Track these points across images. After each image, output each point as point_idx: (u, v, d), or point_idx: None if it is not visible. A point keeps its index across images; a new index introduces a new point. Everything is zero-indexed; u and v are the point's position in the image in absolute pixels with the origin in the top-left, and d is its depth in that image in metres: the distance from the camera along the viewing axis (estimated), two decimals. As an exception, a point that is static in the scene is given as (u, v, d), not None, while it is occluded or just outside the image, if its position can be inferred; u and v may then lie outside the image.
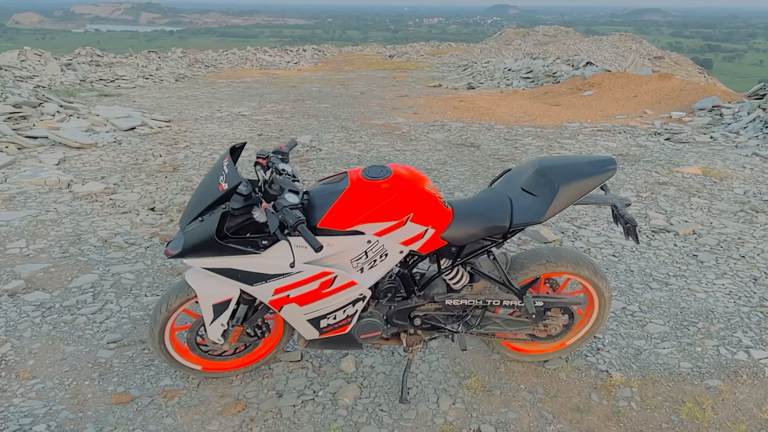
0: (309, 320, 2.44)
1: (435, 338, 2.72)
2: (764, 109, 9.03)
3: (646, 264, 4.16)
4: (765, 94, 10.18)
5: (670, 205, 5.37)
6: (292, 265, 2.11)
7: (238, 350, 2.77)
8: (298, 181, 2.37)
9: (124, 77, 15.33)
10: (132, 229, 4.67)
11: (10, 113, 7.95)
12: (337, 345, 2.62)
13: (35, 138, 7.32)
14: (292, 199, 2.13)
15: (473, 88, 14.86)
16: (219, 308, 2.44)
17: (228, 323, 2.51)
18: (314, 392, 2.77)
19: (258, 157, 2.40)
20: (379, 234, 2.30)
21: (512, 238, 2.56)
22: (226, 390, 2.77)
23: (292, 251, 2.13)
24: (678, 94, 11.14)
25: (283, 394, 2.75)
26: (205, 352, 2.72)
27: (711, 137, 8.25)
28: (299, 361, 2.99)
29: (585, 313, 2.89)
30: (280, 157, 2.44)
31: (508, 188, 2.54)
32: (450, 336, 2.70)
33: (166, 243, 3.47)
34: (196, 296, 2.48)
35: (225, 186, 2.18)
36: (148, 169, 6.37)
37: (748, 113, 9.14)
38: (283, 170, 2.34)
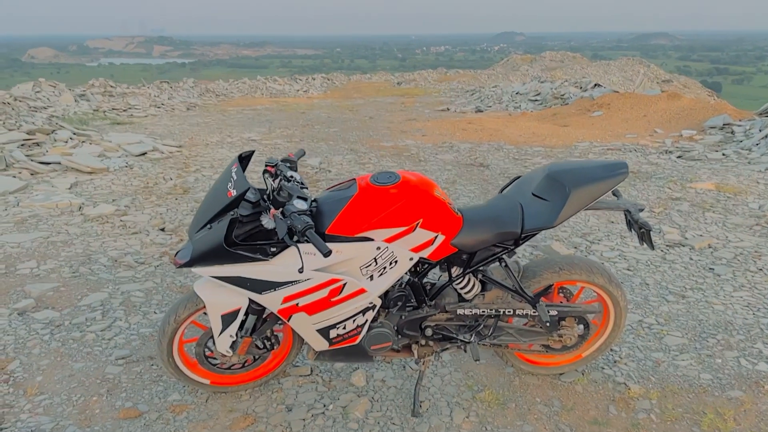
0: (318, 330, 2.40)
1: (447, 349, 2.66)
2: (775, 127, 8.98)
3: (662, 277, 4.09)
4: (776, 112, 10.14)
5: (684, 219, 5.30)
6: (300, 271, 2.08)
7: (246, 363, 2.73)
8: (307, 188, 2.36)
9: (136, 106, 15.53)
10: (142, 248, 4.67)
11: (24, 140, 8.06)
12: (348, 357, 2.57)
13: (48, 164, 7.39)
14: (300, 205, 2.11)
15: (481, 111, 14.91)
16: (227, 319, 2.41)
17: (237, 334, 2.47)
18: (324, 406, 2.72)
19: (266, 165, 2.39)
20: (389, 240, 2.27)
21: (523, 245, 2.52)
22: (235, 404, 2.72)
23: (300, 257, 2.10)
24: (688, 113, 11.11)
25: (292, 408, 2.69)
26: (214, 365, 2.67)
27: (723, 154, 8.18)
28: (309, 375, 2.94)
29: (600, 324, 2.82)
30: (288, 165, 2.43)
31: (518, 194, 2.51)
32: (462, 347, 2.64)
33: (175, 252, 3.46)
34: (204, 307, 2.45)
35: (234, 192, 2.16)
36: (158, 191, 6.40)
37: (760, 130, 9.09)
38: (292, 177, 2.33)
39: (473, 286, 2.56)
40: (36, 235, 4.90)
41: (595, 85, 15.63)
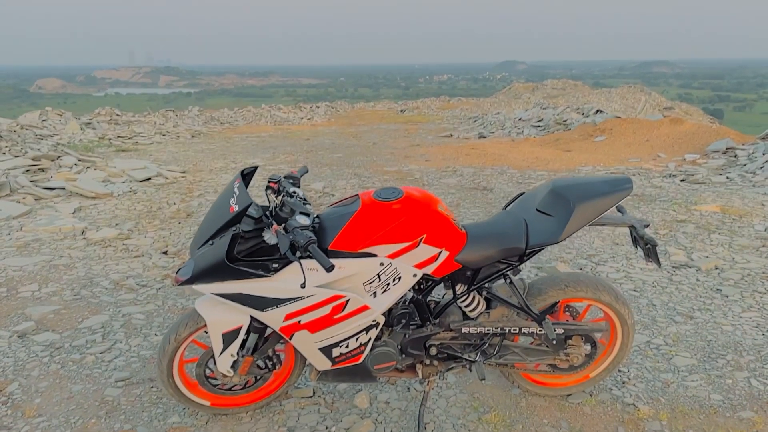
0: (321, 349, 2.36)
1: (452, 369, 2.61)
2: (779, 150, 8.98)
3: (669, 298, 4.03)
4: (779, 136, 10.14)
5: (689, 241, 5.26)
6: (303, 286, 2.05)
7: (248, 384, 2.68)
8: (310, 204, 2.34)
9: (141, 134, 15.64)
10: (144, 271, 4.64)
11: (29, 166, 8.10)
12: (351, 377, 2.53)
13: (52, 189, 7.42)
14: (303, 220, 2.10)
15: (484, 137, 14.97)
16: (229, 337, 2.37)
17: (238, 353, 2.44)
18: (327, 428, 2.66)
19: (269, 182, 2.39)
20: (392, 256, 2.24)
21: (528, 266, 2.49)
22: (236, 427, 2.66)
23: (303, 272, 2.08)
24: (690, 138, 11.12)
25: (294, 431, 2.64)
26: (215, 386, 2.63)
27: (727, 177, 8.17)
28: (311, 397, 2.89)
29: (608, 343, 2.78)
30: (291, 181, 2.42)
31: (522, 210, 2.49)
32: (467, 366, 2.59)
33: (176, 271, 3.43)
34: (205, 325, 2.42)
35: (236, 208, 2.15)
36: (162, 216, 6.40)
37: (764, 153, 9.08)
38: (294, 193, 2.32)
39: (478, 303, 2.52)
40: (38, 259, 4.88)
41: (597, 111, 15.70)
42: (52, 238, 5.48)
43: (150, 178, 8.43)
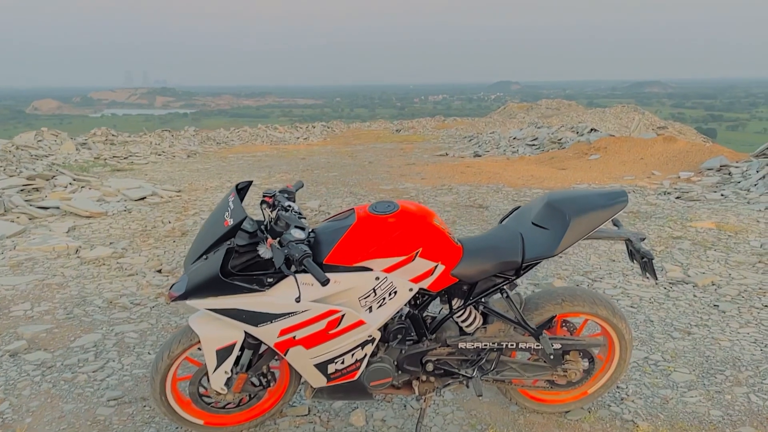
0: (316, 365, 2.33)
1: (449, 385, 2.58)
2: (773, 167, 9.02)
3: (666, 314, 4.02)
4: (772, 153, 10.20)
5: (686, 258, 5.25)
6: (298, 300, 2.03)
7: (242, 402, 2.64)
8: (305, 218, 2.33)
9: (137, 154, 15.64)
10: (138, 290, 4.61)
11: (24, 185, 8.08)
12: (346, 394, 2.50)
13: (47, 208, 7.39)
14: (298, 234, 2.08)
15: (479, 156, 15.02)
16: (223, 354, 2.34)
17: (232, 370, 2.40)
18: (323, 447, 2.62)
19: (264, 196, 2.37)
20: (388, 270, 2.23)
21: (524, 283, 2.47)
22: (230, 446, 2.62)
23: (298, 286, 2.06)
24: (684, 156, 11.18)
25: (289, 449, 2.60)
26: (208, 404, 2.59)
27: (722, 194, 8.19)
28: (306, 415, 2.85)
29: (606, 358, 2.75)
30: (286, 195, 2.41)
31: (518, 224, 2.48)
32: (465, 382, 2.56)
33: (170, 287, 3.40)
34: (198, 342, 2.39)
35: (230, 222, 2.13)
36: (156, 234, 6.37)
37: (757, 171, 9.12)
38: (290, 207, 2.31)
39: (474, 318, 2.50)
40: (31, 278, 4.84)
41: (592, 129, 15.79)
42: (45, 257, 5.45)
43: (145, 197, 8.40)
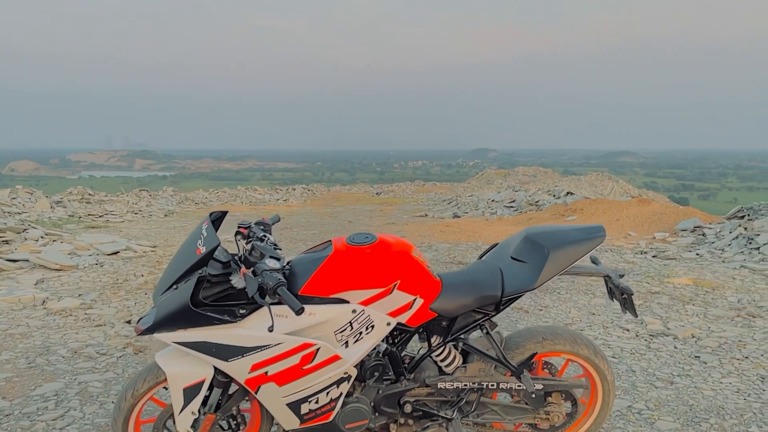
0: (289, 404, 2.22)
1: (427, 428, 2.46)
2: (746, 228, 9.19)
3: (648, 365, 3.96)
4: (744, 216, 10.42)
5: (665, 311, 5.24)
6: (270, 329, 1.94)
7: (209, 448, 2.49)
8: (281, 249, 2.27)
9: (113, 212, 15.44)
10: (105, 340, 4.43)
11: (-6, 237, 7.88)
12: (320, 438, 2.37)
13: (15, 261, 7.18)
14: (272, 264, 2.02)
15: (459, 217, 15.13)
16: (190, 392, 2.22)
17: (200, 411, 2.27)
18: (294, 497, 2.46)
19: (239, 227, 2.32)
20: (365, 303, 2.16)
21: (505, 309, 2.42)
22: (194, 496, 2.45)
23: (271, 316, 1.98)
24: (659, 217, 11.37)
25: (258, 500, 2.43)
26: (173, 450, 2.43)
27: (697, 254, 8.29)
28: (278, 464, 2.69)
29: (588, 402, 2.67)
30: (262, 227, 2.36)
31: (497, 259, 2.45)
32: (444, 425, 2.45)
33: (138, 320, 3.26)
34: (165, 380, 2.26)
35: (203, 249, 2.07)
36: (128, 287, 6.20)
37: (730, 232, 9.28)
38: (265, 237, 2.25)
39: (454, 358, 2.43)
40: (-6, 328, 4.64)
41: (568, 192, 16.06)
42: (10, 308, 5.25)
43: (119, 252, 8.24)
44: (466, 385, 2.40)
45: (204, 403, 2.30)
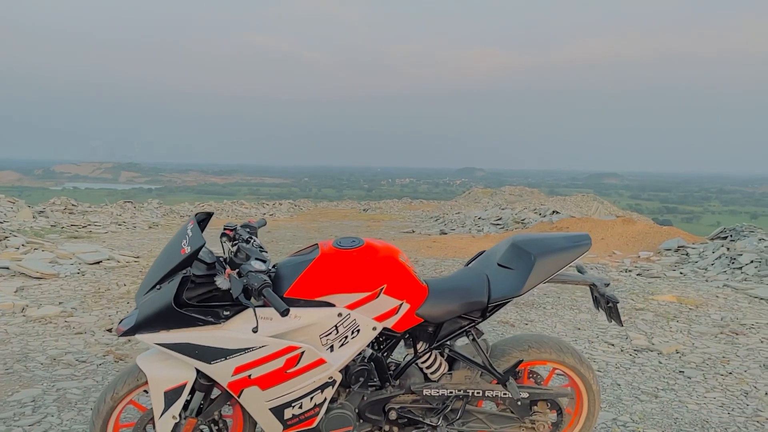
0: (272, 409, 2.18)
1: (412, 437, 2.43)
2: (728, 249, 9.29)
3: (633, 378, 3.95)
4: (726, 236, 10.54)
5: (649, 327, 5.25)
6: (255, 330, 1.92)
7: (189, 454, 2.44)
8: (266, 251, 2.25)
9: (96, 223, 15.27)
10: (85, 348, 4.36)
11: (-26, 245, 7.76)
12: (303, 444, 2.33)
13: (-4, 268, 7.07)
14: (258, 265, 2.00)
15: (445, 234, 15.15)
16: (171, 396, 2.18)
17: (180, 415, 2.23)
18: (275, 506, 2.41)
19: (225, 229, 2.30)
20: (351, 307, 2.14)
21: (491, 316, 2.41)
22: (173, 504, 2.39)
23: (256, 317, 1.95)
24: (643, 237, 11.46)
25: (238, 508, 2.38)
26: (152, 456, 2.38)
27: (681, 273, 8.35)
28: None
29: (574, 411, 2.66)
30: (248, 230, 2.34)
31: (484, 266, 2.45)
32: (429, 432, 2.43)
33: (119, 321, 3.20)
34: (146, 383, 2.22)
35: (188, 249, 2.04)
36: (110, 296, 6.12)
37: (713, 252, 9.37)
38: (251, 239, 2.23)
39: (440, 365, 2.41)
40: (-30, 334, 4.55)
41: (554, 211, 16.17)
42: (-12, 315, 5.15)
43: (101, 261, 8.14)
44: (451, 392, 2.38)
45: (185, 407, 2.25)
